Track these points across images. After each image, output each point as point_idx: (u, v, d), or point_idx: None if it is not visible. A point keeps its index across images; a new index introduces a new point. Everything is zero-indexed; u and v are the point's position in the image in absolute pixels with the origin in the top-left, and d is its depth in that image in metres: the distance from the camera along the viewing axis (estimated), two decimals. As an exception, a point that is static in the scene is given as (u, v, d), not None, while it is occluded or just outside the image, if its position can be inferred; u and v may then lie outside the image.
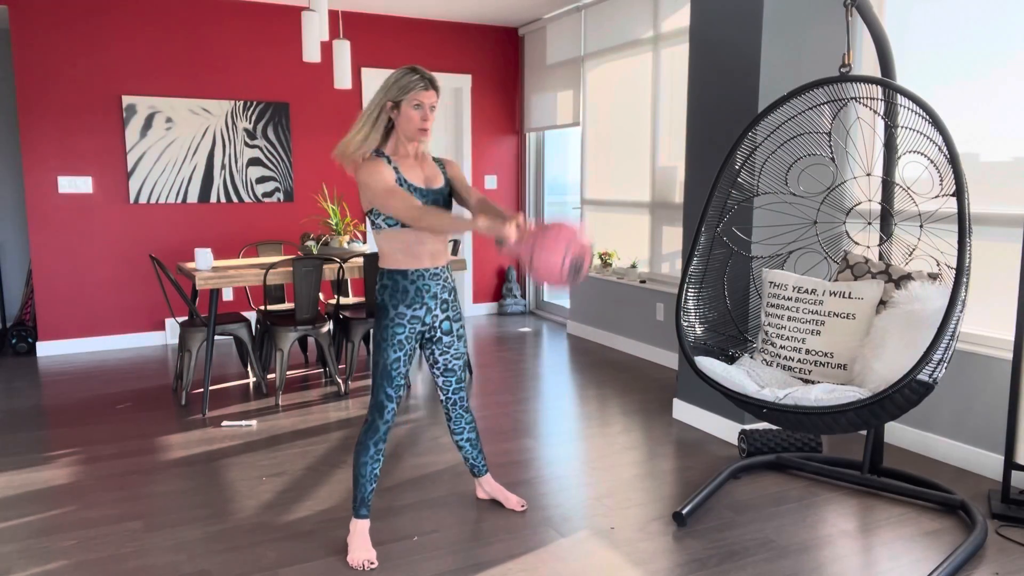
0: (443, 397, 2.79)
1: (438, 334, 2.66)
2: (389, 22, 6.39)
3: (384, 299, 2.54)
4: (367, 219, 2.53)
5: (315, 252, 4.53)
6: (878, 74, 3.51)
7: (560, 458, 3.46)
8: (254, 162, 6.00)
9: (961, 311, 2.30)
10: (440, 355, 2.70)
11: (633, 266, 5.60)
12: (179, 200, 5.80)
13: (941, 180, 2.49)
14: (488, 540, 2.68)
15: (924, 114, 2.40)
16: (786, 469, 3.31)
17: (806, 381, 2.83)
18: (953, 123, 3.38)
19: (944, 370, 2.41)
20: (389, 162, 2.48)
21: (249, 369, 4.90)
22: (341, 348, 4.76)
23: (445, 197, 2.62)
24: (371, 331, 4.55)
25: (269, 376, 4.83)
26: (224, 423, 3.96)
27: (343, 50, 4.52)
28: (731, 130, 3.59)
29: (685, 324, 2.89)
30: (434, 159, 2.67)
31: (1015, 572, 2.45)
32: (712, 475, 3.26)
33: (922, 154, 2.55)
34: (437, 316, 2.62)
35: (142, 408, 4.24)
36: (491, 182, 7.02)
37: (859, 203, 3.00)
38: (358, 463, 2.56)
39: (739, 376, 2.63)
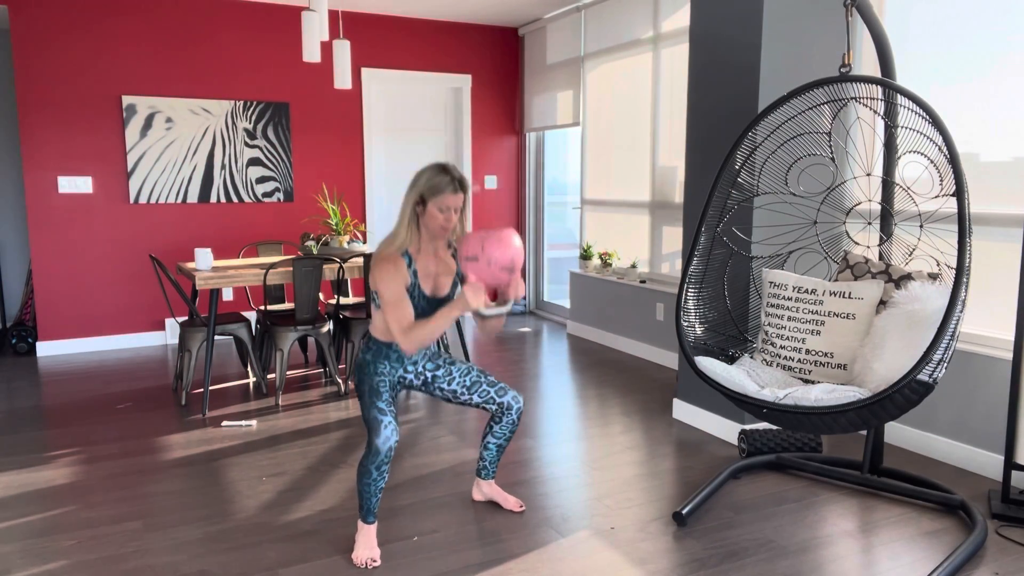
0: (493, 408, 2.78)
1: (427, 376, 2.72)
2: (389, 22, 6.39)
3: (367, 358, 2.63)
4: (372, 297, 2.62)
5: (315, 252, 4.53)
6: (878, 74, 3.51)
7: (560, 458, 3.46)
8: (254, 162, 6.00)
9: (961, 311, 2.30)
10: (449, 383, 2.73)
11: (633, 266, 5.60)
12: (179, 200, 5.81)
13: (941, 180, 2.49)
14: (488, 540, 2.68)
15: (924, 114, 2.40)
16: (786, 469, 3.31)
17: (806, 381, 2.83)
18: (953, 123, 3.38)
19: (944, 370, 2.41)
20: (409, 263, 2.54)
21: (249, 369, 4.90)
22: (341, 348, 4.76)
23: (444, 300, 2.70)
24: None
25: (269, 376, 4.83)
26: (224, 423, 3.96)
27: (343, 50, 4.52)
28: (731, 130, 3.59)
29: (685, 324, 2.89)
30: (453, 251, 2.71)
31: (1015, 572, 2.45)
32: (712, 475, 3.26)
33: (922, 154, 2.55)
34: (418, 363, 2.71)
35: (142, 408, 4.24)
36: (491, 182, 7.02)
37: (859, 203, 3.00)
38: (361, 483, 2.53)
39: (739, 376, 2.63)
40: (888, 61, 2.87)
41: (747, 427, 3.53)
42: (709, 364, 2.70)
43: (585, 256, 6.10)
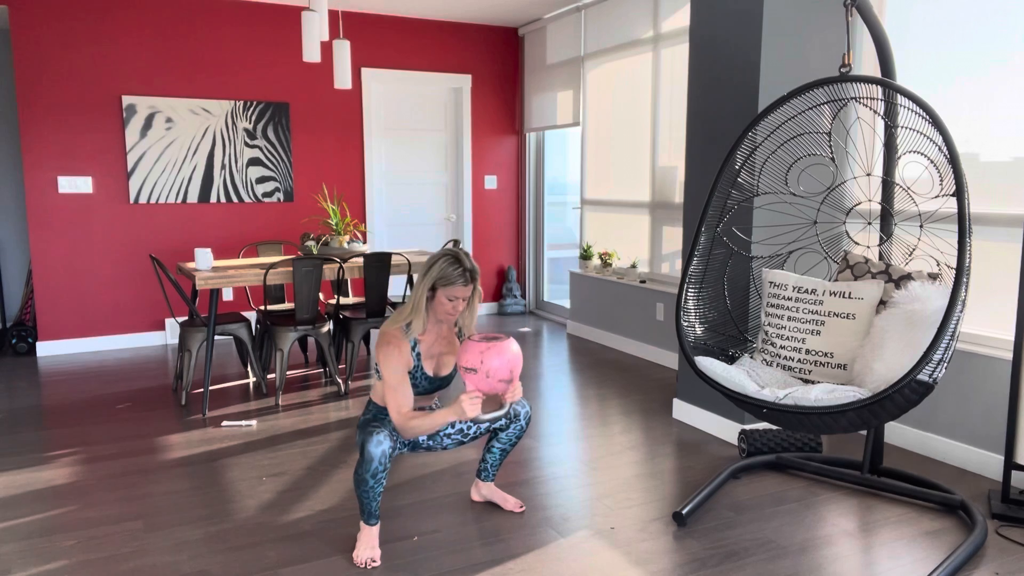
0: (504, 423, 2.81)
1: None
2: (389, 22, 6.39)
3: (368, 418, 2.68)
4: (375, 370, 2.68)
5: (315, 252, 4.53)
6: (878, 74, 3.51)
7: (560, 458, 3.46)
8: (254, 162, 6.00)
9: (961, 311, 2.30)
10: (453, 426, 2.72)
11: (633, 266, 5.60)
12: (179, 200, 5.80)
13: (941, 180, 2.49)
14: (488, 540, 2.68)
15: (924, 114, 2.40)
16: (786, 469, 3.31)
17: (806, 381, 2.83)
18: (953, 123, 3.38)
19: (944, 370, 2.41)
20: (414, 347, 2.58)
21: (249, 369, 4.90)
22: (341, 348, 4.76)
23: (447, 380, 2.74)
24: (369, 331, 4.53)
25: (269, 376, 4.83)
26: (224, 423, 3.96)
27: (343, 50, 4.52)
28: (731, 130, 3.59)
29: (685, 324, 2.89)
30: (458, 331, 2.73)
31: (1015, 572, 2.45)
32: (712, 475, 3.26)
33: (922, 154, 2.55)
34: None
35: (142, 408, 4.24)
36: (491, 182, 7.02)
37: (859, 203, 3.00)
38: (358, 491, 2.52)
39: (739, 376, 2.63)
40: (888, 61, 2.87)
41: (747, 427, 3.53)
42: (709, 364, 2.70)
43: (585, 256, 6.10)
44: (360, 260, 4.50)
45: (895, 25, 3.61)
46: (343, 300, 5.20)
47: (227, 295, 6.12)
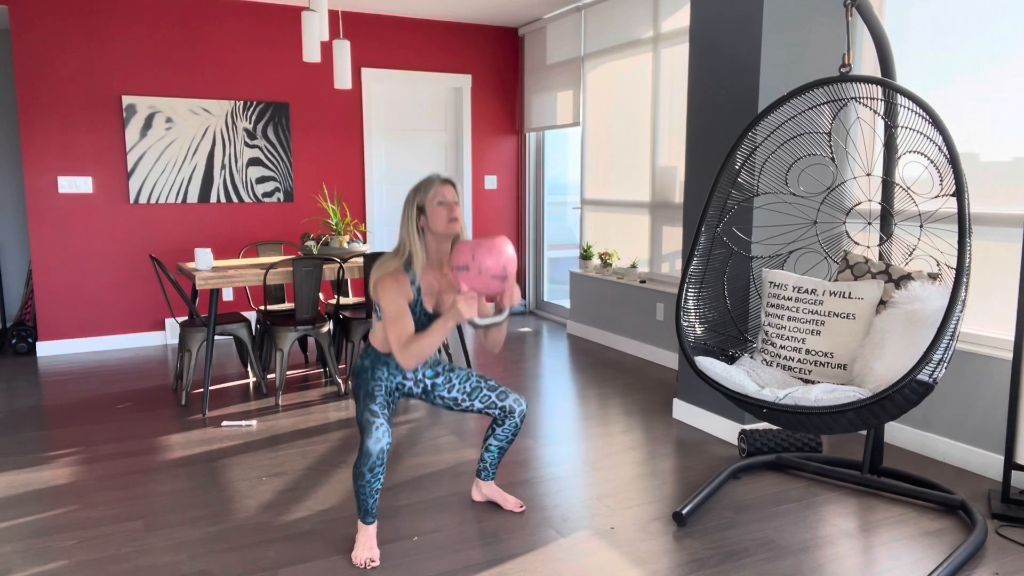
0: (495, 413, 2.77)
1: (427, 384, 2.72)
2: (389, 22, 6.39)
3: (365, 363, 2.65)
4: (374, 310, 2.64)
5: (315, 252, 4.53)
6: (878, 74, 3.51)
7: (560, 458, 3.46)
8: (254, 162, 6.00)
9: (961, 311, 2.30)
10: (450, 391, 2.72)
11: (633, 266, 5.60)
12: (179, 200, 5.81)
13: (941, 180, 2.49)
14: (488, 540, 2.68)
15: (924, 114, 2.40)
16: (786, 469, 3.31)
17: (806, 381, 2.83)
18: (953, 123, 3.38)
19: (944, 370, 2.41)
20: (413, 281, 2.56)
21: (249, 369, 4.90)
22: (341, 348, 4.76)
23: None
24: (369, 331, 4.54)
25: (269, 376, 4.83)
26: (224, 423, 3.96)
27: (343, 50, 4.52)
28: (731, 130, 3.59)
29: (685, 324, 2.89)
30: None
31: (1015, 572, 2.45)
32: (712, 475, 3.26)
33: (922, 154, 2.55)
34: (418, 370, 2.71)
35: (142, 408, 4.24)
36: (491, 182, 7.02)
37: (859, 203, 3.00)
38: (356, 486, 2.52)
39: (739, 376, 2.63)
40: (888, 61, 2.87)
41: (747, 427, 3.52)
42: (709, 364, 2.70)
43: (585, 256, 6.10)
44: (360, 260, 4.50)
45: (895, 25, 3.61)
46: (343, 300, 5.20)
47: (227, 295, 6.12)
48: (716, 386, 2.61)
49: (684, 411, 3.96)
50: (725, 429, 3.70)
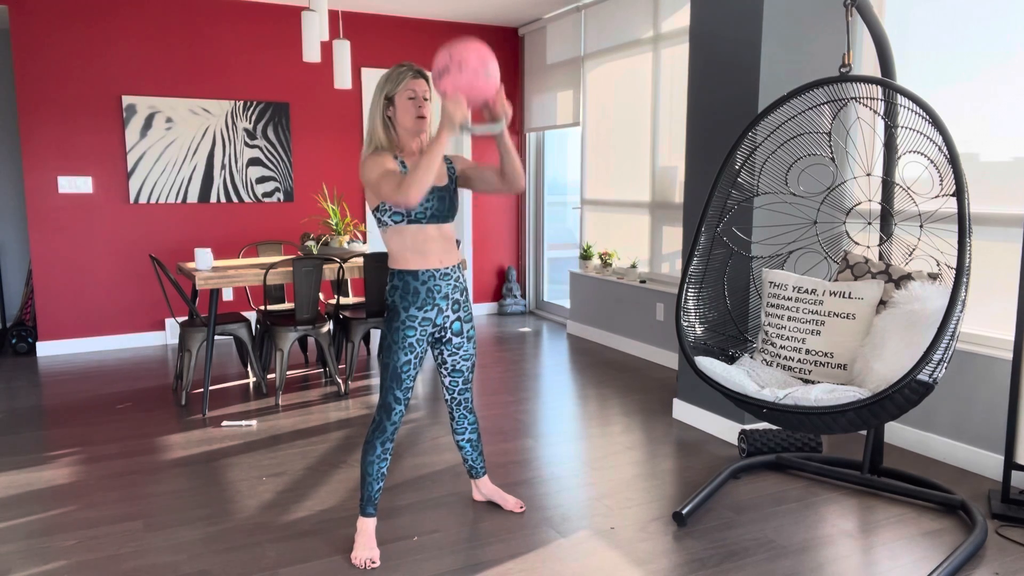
0: (447, 397, 2.78)
1: (448, 335, 2.65)
2: (389, 22, 6.39)
3: (395, 300, 2.52)
4: (375, 218, 2.54)
5: (315, 252, 4.53)
6: (878, 74, 3.51)
7: (560, 458, 3.46)
8: (254, 162, 6.00)
9: (961, 311, 2.30)
10: (449, 356, 2.69)
11: (633, 266, 5.60)
12: (179, 200, 5.80)
13: (941, 180, 2.49)
14: (488, 540, 2.68)
15: (924, 114, 2.40)
16: (786, 469, 3.31)
17: (806, 381, 2.83)
18: (953, 123, 3.38)
19: (944, 370, 2.41)
20: (396, 157, 2.49)
21: (249, 369, 4.90)
22: (341, 348, 4.76)
23: (450, 194, 2.59)
24: (369, 331, 4.53)
25: (269, 376, 4.83)
26: (224, 423, 3.96)
27: (343, 50, 4.52)
28: (731, 130, 3.59)
29: (685, 324, 2.89)
30: (444, 157, 2.65)
31: (1015, 572, 2.45)
32: (712, 475, 3.26)
33: (922, 154, 2.55)
34: (448, 317, 2.61)
35: (142, 408, 4.24)
36: (491, 182, 7.01)
37: (859, 203, 3.00)
38: (365, 461, 2.56)
39: (739, 376, 2.63)
40: (888, 61, 2.87)
41: (747, 427, 3.52)
42: (709, 364, 2.70)
43: (585, 256, 6.10)
44: (360, 260, 4.50)
45: (895, 25, 3.61)
46: (343, 300, 5.20)
47: (227, 295, 6.12)
48: (716, 386, 2.61)
49: (684, 411, 3.96)
50: (725, 429, 3.70)
